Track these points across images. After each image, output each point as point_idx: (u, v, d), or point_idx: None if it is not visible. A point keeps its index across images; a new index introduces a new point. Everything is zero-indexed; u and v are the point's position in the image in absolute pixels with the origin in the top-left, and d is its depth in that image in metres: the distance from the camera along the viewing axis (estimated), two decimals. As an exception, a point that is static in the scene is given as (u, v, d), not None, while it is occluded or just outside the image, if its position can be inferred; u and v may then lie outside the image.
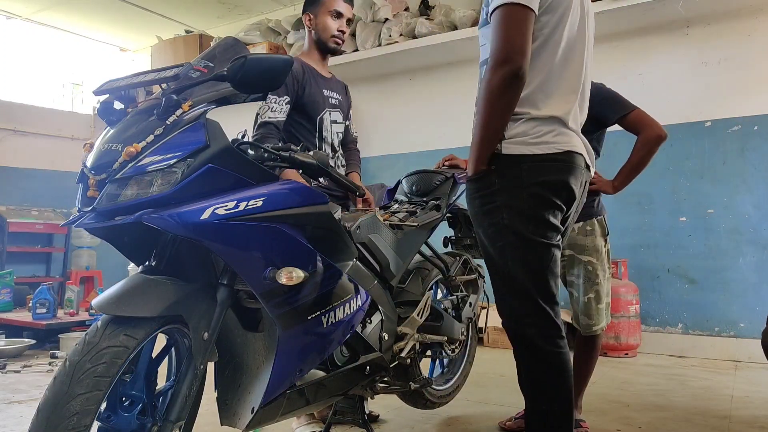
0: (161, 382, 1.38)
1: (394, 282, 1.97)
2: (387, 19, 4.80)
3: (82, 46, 6.91)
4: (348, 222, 1.81)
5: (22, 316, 4.41)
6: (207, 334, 1.33)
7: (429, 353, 2.32)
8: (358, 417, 2.09)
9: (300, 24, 5.23)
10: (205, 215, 1.24)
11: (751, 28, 3.83)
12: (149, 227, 1.23)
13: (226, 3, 5.84)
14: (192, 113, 1.33)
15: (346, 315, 1.58)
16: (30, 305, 4.40)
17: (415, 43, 4.61)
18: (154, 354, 1.34)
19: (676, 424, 2.42)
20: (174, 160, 1.26)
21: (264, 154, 1.48)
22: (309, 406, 1.63)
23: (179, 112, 1.31)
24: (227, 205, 1.28)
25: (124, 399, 1.27)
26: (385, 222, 1.99)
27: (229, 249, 1.29)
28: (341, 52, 2.55)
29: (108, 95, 1.40)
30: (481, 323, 3.04)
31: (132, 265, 2.53)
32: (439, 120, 4.92)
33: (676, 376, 3.32)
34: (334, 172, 1.59)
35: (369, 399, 2.12)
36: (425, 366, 2.41)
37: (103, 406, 1.20)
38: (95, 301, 1.23)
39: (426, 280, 2.17)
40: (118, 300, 1.22)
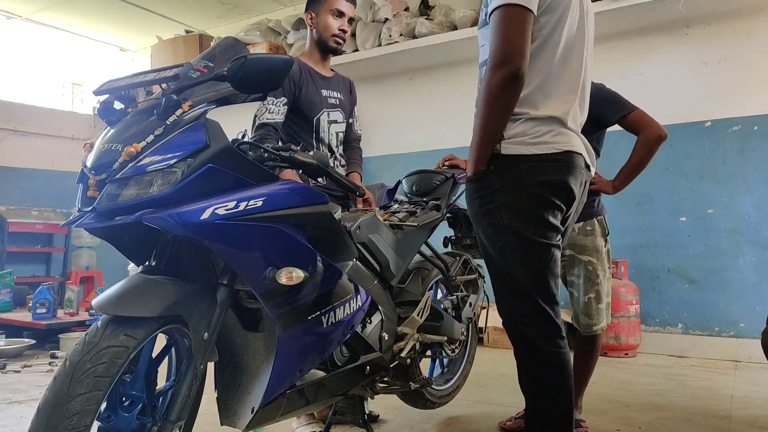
0: (161, 382, 1.38)
1: (394, 282, 1.97)
2: (387, 19, 4.80)
3: (82, 46, 6.91)
4: (348, 222, 1.81)
5: (22, 316, 4.41)
6: (207, 334, 1.33)
7: (429, 353, 2.32)
8: (358, 417, 2.09)
9: (300, 24, 5.23)
10: (205, 215, 1.24)
11: (751, 28, 3.83)
12: (149, 227, 1.23)
13: (226, 3, 5.84)
14: (192, 113, 1.33)
15: (346, 315, 1.58)
16: (30, 305, 4.40)
17: (415, 43, 4.61)
18: (154, 354, 1.34)
19: (676, 424, 2.42)
20: (174, 160, 1.26)
21: (264, 154, 1.48)
22: (309, 406, 1.63)
23: (179, 112, 1.31)
24: (227, 205, 1.28)
25: (124, 399, 1.27)
26: (385, 222, 1.99)
27: (229, 249, 1.30)
28: (342, 51, 2.53)
29: (108, 95, 1.40)
30: (481, 323, 3.04)
31: (132, 265, 2.53)
32: (439, 120, 4.92)
33: (676, 376, 3.32)
34: (334, 172, 1.59)
35: (369, 399, 2.12)
36: (425, 366, 2.41)
37: (103, 406, 1.20)
38: (95, 301, 1.23)
39: (426, 280, 2.17)
40: (118, 300, 1.22)
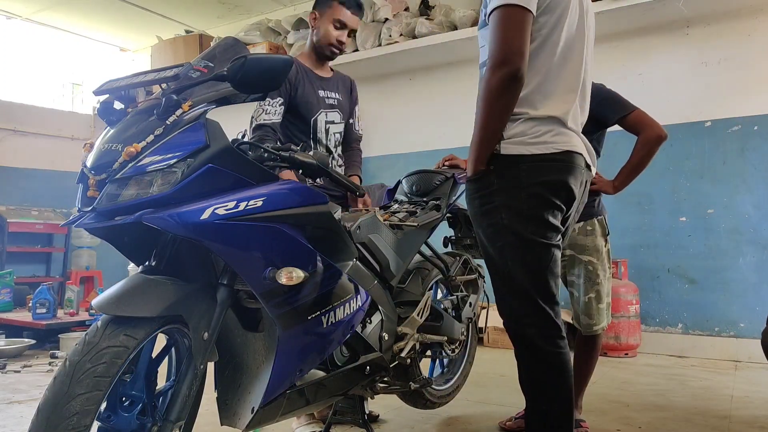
0: (161, 382, 1.38)
1: (394, 282, 1.97)
2: (387, 19, 4.80)
3: (82, 46, 6.91)
4: (348, 222, 1.81)
5: (22, 316, 4.41)
6: (207, 334, 1.33)
7: (429, 353, 2.32)
8: (358, 417, 2.09)
9: (300, 24, 5.23)
10: (205, 215, 1.24)
11: (751, 28, 3.83)
12: (149, 227, 1.23)
13: (226, 3, 5.84)
14: (192, 113, 1.33)
15: (346, 315, 1.58)
16: (30, 305, 4.40)
17: (415, 43, 4.61)
18: (154, 354, 1.34)
19: (676, 424, 2.42)
20: (174, 160, 1.26)
21: (264, 154, 1.48)
22: (309, 406, 1.63)
23: (179, 112, 1.31)
24: (227, 205, 1.28)
25: (124, 399, 1.27)
26: (385, 222, 1.99)
27: (229, 249, 1.30)
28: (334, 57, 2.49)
29: (108, 95, 1.40)
30: (481, 323, 3.04)
31: (132, 265, 2.53)
32: (439, 120, 4.91)
33: (676, 376, 3.32)
34: (333, 172, 1.59)
35: (369, 399, 2.12)
36: (425, 366, 2.41)
37: (103, 406, 1.20)
38: (95, 301, 1.23)
39: (426, 280, 2.17)
40: (118, 300, 1.22)
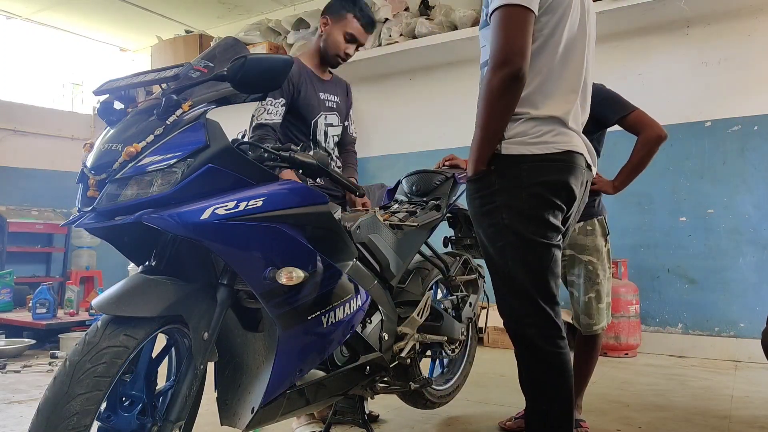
0: (161, 382, 1.38)
1: (394, 282, 1.97)
2: (387, 19, 4.80)
3: (82, 46, 6.91)
4: (348, 222, 1.81)
5: (22, 316, 4.41)
6: (207, 334, 1.33)
7: (429, 353, 2.32)
8: (358, 417, 2.09)
9: (300, 24, 5.22)
10: (205, 215, 1.24)
11: (751, 28, 3.83)
12: (149, 227, 1.23)
13: (226, 3, 5.84)
14: (192, 113, 1.33)
15: (346, 315, 1.58)
16: (30, 305, 4.40)
17: (415, 43, 4.61)
18: (154, 354, 1.34)
19: (676, 424, 2.42)
20: (174, 160, 1.26)
21: (264, 154, 1.48)
22: (309, 406, 1.63)
23: (179, 112, 1.31)
24: (227, 205, 1.28)
25: (124, 399, 1.27)
26: (385, 222, 1.99)
27: (229, 249, 1.30)
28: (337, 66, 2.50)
29: (108, 95, 1.40)
30: (481, 323, 3.04)
31: (132, 265, 2.53)
32: (439, 120, 4.91)
33: (676, 376, 3.32)
34: (333, 172, 1.59)
35: (369, 399, 2.12)
36: (425, 366, 2.41)
37: (103, 406, 1.20)
38: (95, 301, 1.23)
39: (426, 280, 2.17)
40: (118, 300, 1.22)
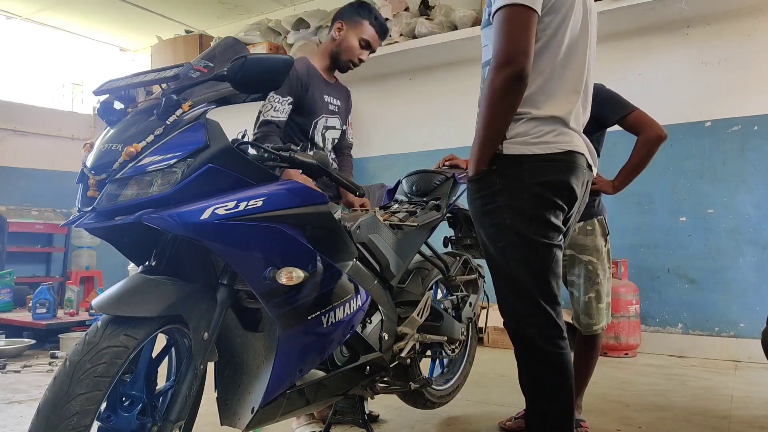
0: (161, 382, 1.38)
1: (394, 282, 1.97)
2: (387, 19, 4.79)
3: (82, 46, 6.91)
4: (348, 222, 1.81)
5: (22, 316, 4.41)
6: (207, 334, 1.33)
7: (429, 353, 2.32)
8: (358, 417, 2.09)
9: (300, 24, 5.22)
10: (205, 215, 1.24)
11: (751, 28, 3.83)
12: (149, 227, 1.23)
13: (226, 3, 5.84)
14: (192, 113, 1.33)
15: (346, 315, 1.58)
16: (30, 305, 4.40)
17: (415, 43, 4.61)
18: (154, 354, 1.34)
19: (676, 424, 2.42)
20: (174, 160, 1.26)
21: (264, 154, 1.48)
22: (309, 406, 1.63)
23: (179, 112, 1.31)
24: (227, 205, 1.28)
25: (124, 399, 1.27)
26: (385, 222, 1.99)
27: (229, 249, 1.29)
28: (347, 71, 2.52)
29: (108, 95, 1.40)
30: (481, 323, 3.04)
31: (132, 265, 2.53)
32: (439, 120, 4.91)
33: (676, 376, 3.32)
34: (334, 172, 1.59)
35: (369, 399, 2.12)
36: (425, 366, 2.41)
37: (103, 406, 1.20)
38: (95, 301, 1.23)
39: (426, 280, 2.17)
40: (118, 300, 1.22)
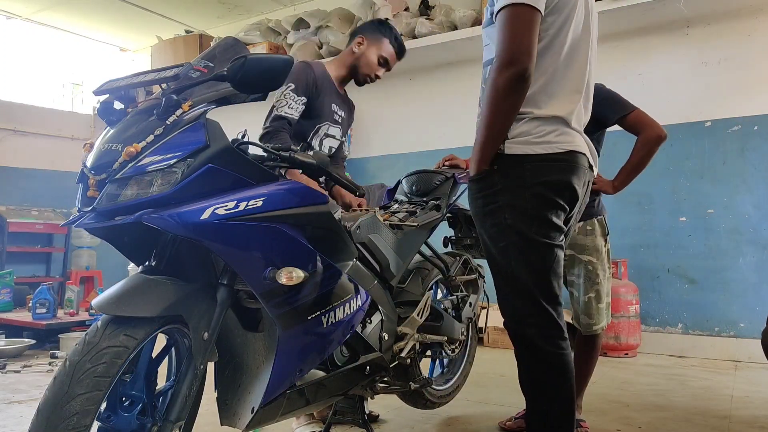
0: (161, 382, 1.38)
1: (394, 282, 1.97)
2: (387, 19, 4.79)
3: (82, 46, 6.92)
4: (348, 222, 1.81)
5: (22, 316, 4.41)
6: (207, 334, 1.33)
7: (429, 353, 2.32)
8: (358, 417, 2.09)
9: (300, 24, 5.23)
10: (205, 215, 1.24)
11: (751, 28, 3.83)
12: (149, 227, 1.23)
13: (226, 3, 5.84)
14: (192, 113, 1.33)
15: (346, 315, 1.58)
16: (30, 305, 4.40)
17: (415, 43, 4.61)
18: (154, 354, 1.34)
19: (676, 424, 2.42)
20: (174, 160, 1.26)
21: (264, 154, 1.48)
22: (309, 406, 1.63)
23: (179, 112, 1.31)
24: (227, 205, 1.28)
25: (124, 399, 1.27)
26: (385, 222, 1.99)
27: (229, 249, 1.29)
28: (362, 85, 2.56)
29: (108, 95, 1.40)
30: (481, 323, 3.04)
31: (132, 265, 2.53)
32: (439, 120, 4.91)
33: (676, 376, 3.32)
34: (333, 172, 1.59)
35: (369, 399, 2.12)
36: (425, 366, 2.41)
37: (103, 406, 1.20)
38: (95, 301, 1.23)
39: (426, 280, 2.17)
40: (118, 300, 1.22)
